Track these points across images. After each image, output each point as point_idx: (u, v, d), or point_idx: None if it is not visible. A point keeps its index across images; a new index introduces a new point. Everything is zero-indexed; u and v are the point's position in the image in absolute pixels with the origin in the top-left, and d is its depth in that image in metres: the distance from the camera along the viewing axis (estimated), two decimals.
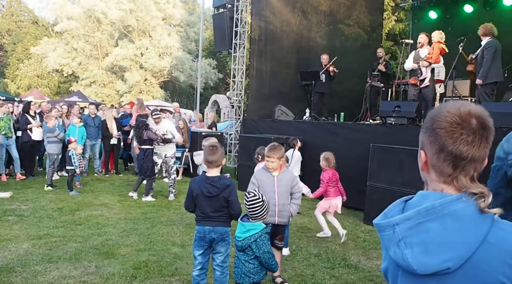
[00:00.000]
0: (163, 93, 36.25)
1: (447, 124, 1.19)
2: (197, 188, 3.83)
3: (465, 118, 1.18)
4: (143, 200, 8.41)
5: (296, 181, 4.61)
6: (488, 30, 8.10)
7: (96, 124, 11.01)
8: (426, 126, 1.26)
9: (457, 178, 1.20)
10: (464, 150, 1.18)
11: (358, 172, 7.70)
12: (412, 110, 7.77)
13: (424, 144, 1.26)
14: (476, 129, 1.18)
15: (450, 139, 1.18)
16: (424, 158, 1.26)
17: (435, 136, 1.21)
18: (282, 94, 11.76)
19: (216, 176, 3.82)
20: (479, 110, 1.21)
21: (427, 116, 1.28)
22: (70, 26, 34.44)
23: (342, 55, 12.76)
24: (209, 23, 29.42)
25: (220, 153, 3.87)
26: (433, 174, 1.25)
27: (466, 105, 1.22)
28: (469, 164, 1.19)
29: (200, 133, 11.19)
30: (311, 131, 9.50)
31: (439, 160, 1.21)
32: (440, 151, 1.20)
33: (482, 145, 1.19)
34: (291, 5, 12.14)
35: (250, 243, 3.34)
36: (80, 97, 25.07)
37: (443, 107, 1.25)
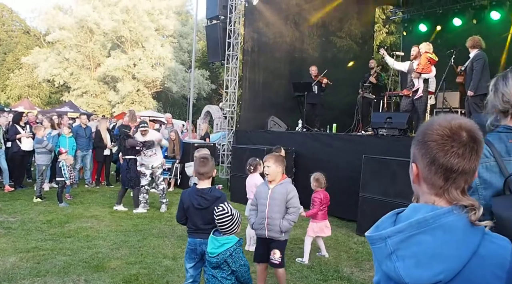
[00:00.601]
0: (156, 104, 36.20)
1: (438, 137, 1.20)
2: (187, 200, 3.79)
3: (456, 131, 1.20)
4: (134, 212, 8.33)
5: (292, 195, 4.35)
6: (476, 42, 8.23)
7: (87, 135, 10.93)
8: (417, 139, 1.27)
9: (448, 191, 1.21)
10: (455, 163, 1.19)
11: (350, 183, 7.70)
12: (403, 121, 7.81)
13: (415, 157, 1.27)
14: (466, 142, 1.19)
15: (441, 152, 1.19)
16: (415, 171, 1.27)
17: (427, 148, 1.22)
18: (274, 105, 11.78)
19: (207, 188, 3.78)
20: (469, 124, 1.22)
21: (418, 130, 1.28)
22: (62, 36, 34.39)
23: (334, 67, 12.86)
24: (202, 34, 29.53)
25: (211, 164, 3.82)
26: (424, 186, 1.25)
27: (457, 118, 1.23)
28: (460, 176, 1.20)
29: (193, 144, 11.15)
30: (304, 142, 9.50)
31: (431, 173, 1.22)
32: (432, 163, 1.21)
33: (473, 157, 1.20)
34: (283, 17, 12.21)
35: (225, 257, 3.20)
36: (72, 107, 24.97)
37: (434, 120, 1.26)
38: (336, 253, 6.16)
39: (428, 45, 8.86)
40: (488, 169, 1.77)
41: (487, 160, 1.77)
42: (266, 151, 8.94)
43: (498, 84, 1.86)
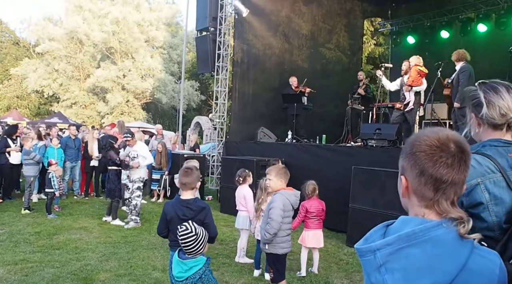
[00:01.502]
0: (145, 115, 36.09)
1: (427, 147, 1.22)
2: (171, 211, 3.71)
3: (444, 141, 1.22)
4: (111, 224, 8.26)
5: (272, 205, 4.26)
6: (461, 55, 8.44)
7: (76, 146, 10.87)
8: (405, 151, 1.28)
9: (438, 202, 1.22)
10: (444, 173, 1.20)
11: (340, 194, 7.72)
12: (392, 132, 7.89)
13: (404, 169, 1.28)
14: (455, 153, 1.21)
15: (430, 162, 1.21)
16: (405, 184, 1.27)
17: (416, 159, 1.23)
18: (264, 116, 11.83)
19: (191, 199, 3.71)
20: (456, 135, 1.25)
21: (406, 142, 1.30)
22: (52, 47, 34.25)
23: (323, 78, 12.97)
24: (191, 46, 29.61)
25: (195, 176, 3.75)
26: (414, 199, 1.26)
27: (444, 130, 1.26)
28: (450, 187, 1.21)
29: (182, 155, 11.13)
30: (294, 153, 9.53)
31: (420, 184, 1.23)
32: (421, 174, 1.22)
33: (462, 168, 1.21)
34: (273, 28, 12.32)
35: (195, 281, 3.01)
36: (61, 118, 24.84)
37: (421, 132, 1.28)
38: (326, 264, 6.16)
39: (418, 59, 8.99)
40: (496, 184, 1.75)
41: (494, 175, 1.76)
42: (255, 162, 8.97)
43: (490, 97, 1.83)
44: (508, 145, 1.80)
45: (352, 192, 7.36)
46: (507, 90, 1.82)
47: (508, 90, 1.82)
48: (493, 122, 1.83)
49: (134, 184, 8.16)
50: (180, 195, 3.83)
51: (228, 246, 6.85)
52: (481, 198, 1.75)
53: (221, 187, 10.51)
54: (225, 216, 9.17)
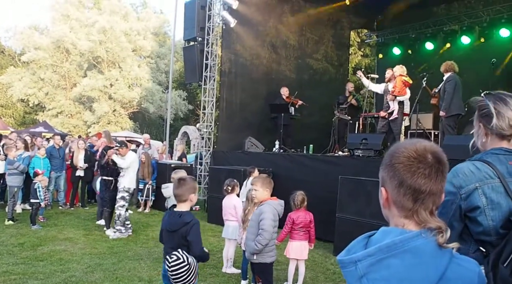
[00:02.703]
0: (132, 124, 35.91)
1: (405, 158, 1.25)
2: (163, 221, 3.68)
3: (421, 153, 1.25)
4: (106, 234, 8.19)
5: (263, 216, 4.27)
6: (449, 66, 8.62)
7: (61, 156, 10.75)
8: (385, 163, 1.31)
9: (417, 212, 1.24)
10: (422, 183, 1.23)
11: (327, 204, 7.74)
12: (378, 142, 7.96)
13: (384, 180, 1.31)
14: (432, 163, 1.24)
15: (408, 173, 1.24)
16: (385, 195, 1.31)
17: (394, 171, 1.26)
18: (252, 126, 11.85)
19: (179, 212, 3.56)
20: (433, 146, 1.28)
21: (386, 154, 1.33)
22: (38, 56, 33.99)
23: (311, 88, 13.06)
24: (179, 55, 29.59)
25: (186, 187, 3.57)
26: (394, 209, 1.29)
27: (421, 141, 1.29)
28: (428, 197, 1.24)
29: (169, 164, 11.07)
30: (281, 163, 9.55)
31: (400, 195, 1.25)
32: (400, 185, 1.25)
33: (439, 178, 1.25)
34: (261, 39, 12.38)
35: None
36: (46, 127, 24.55)
37: (400, 144, 1.31)
38: (313, 274, 6.15)
39: (402, 68, 9.12)
40: (494, 189, 1.82)
41: (492, 181, 1.83)
42: (243, 172, 8.95)
43: (500, 108, 1.89)
44: (510, 153, 1.87)
45: (339, 202, 7.39)
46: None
47: None
48: (502, 133, 1.90)
49: (118, 193, 8.05)
50: (173, 206, 3.71)
51: (215, 256, 6.81)
52: (478, 202, 1.83)
53: (209, 197, 10.47)
54: (212, 226, 9.12)
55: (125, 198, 8.04)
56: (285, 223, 5.49)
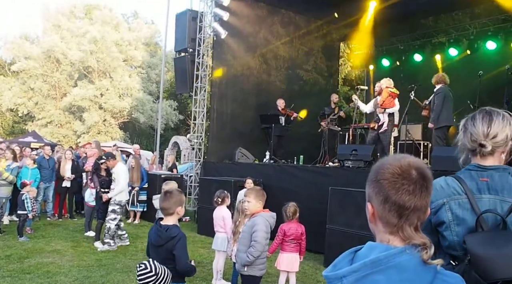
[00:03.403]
0: (123, 134, 35.72)
1: (389, 175, 1.26)
2: (149, 235, 3.60)
3: (406, 169, 1.26)
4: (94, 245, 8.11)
5: (256, 228, 4.26)
6: (440, 78, 8.80)
7: (50, 166, 10.67)
8: (370, 178, 1.32)
9: (402, 228, 1.25)
10: (406, 199, 1.24)
11: (317, 215, 7.73)
12: (368, 153, 8.01)
13: (370, 196, 1.32)
14: (416, 179, 1.25)
15: (393, 189, 1.25)
16: (371, 210, 1.31)
17: (380, 187, 1.27)
18: (242, 137, 11.86)
19: (165, 225, 3.46)
20: (418, 162, 1.29)
21: (371, 169, 1.34)
22: (28, 66, 33.79)
23: (301, 99, 13.12)
24: (170, 65, 29.58)
25: (174, 200, 3.48)
26: (380, 225, 1.30)
27: (406, 157, 1.30)
28: (413, 213, 1.25)
29: (159, 175, 11.02)
30: (272, 173, 9.56)
31: (385, 211, 1.26)
32: (385, 201, 1.26)
33: (423, 194, 1.26)
34: (251, 50, 12.45)
35: None
36: (35, 137, 24.29)
37: (385, 160, 1.33)
38: None
39: (388, 80, 9.22)
40: (461, 205, 1.85)
41: (459, 197, 1.86)
42: (233, 183, 8.95)
43: (467, 124, 1.95)
44: (482, 170, 1.89)
45: (329, 213, 7.40)
46: (482, 117, 1.92)
47: (484, 117, 1.92)
48: (468, 148, 1.94)
49: (110, 206, 7.98)
50: (161, 218, 3.63)
51: (205, 268, 6.77)
52: (444, 217, 1.87)
53: (199, 208, 10.43)
54: (202, 238, 9.08)
55: (116, 211, 7.97)
56: (276, 235, 5.45)
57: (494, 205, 1.81)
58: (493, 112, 1.92)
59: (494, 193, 1.83)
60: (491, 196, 1.83)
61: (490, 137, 1.87)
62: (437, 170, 6.67)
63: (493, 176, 1.86)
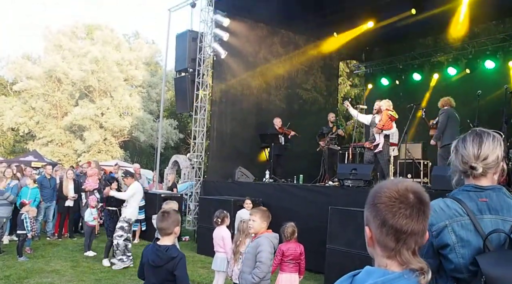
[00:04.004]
0: (123, 153, 35.73)
1: (387, 199, 1.27)
2: (145, 255, 3.58)
3: (403, 193, 1.27)
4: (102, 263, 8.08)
5: (261, 249, 4.26)
6: (445, 101, 9.10)
7: (52, 186, 10.67)
8: (368, 202, 1.33)
9: (400, 252, 1.26)
10: (403, 224, 1.24)
11: (317, 234, 7.70)
12: (368, 172, 8.02)
13: (368, 220, 1.33)
14: (413, 203, 1.26)
15: (390, 213, 1.25)
16: (369, 234, 1.32)
17: (377, 211, 1.28)
18: (242, 156, 11.89)
19: (164, 246, 3.48)
20: (415, 186, 1.30)
21: (369, 193, 1.35)
22: (30, 86, 34.02)
23: (301, 118, 13.19)
24: (171, 85, 29.75)
25: (171, 220, 3.52)
26: (378, 249, 1.30)
27: (404, 181, 1.31)
28: (410, 237, 1.25)
29: (159, 194, 11.00)
30: (271, 193, 9.56)
31: (382, 235, 1.27)
32: (382, 225, 1.27)
33: (420, 218, 1.26)
34: (251, 69, 12.57)
35: None
36: (36, 156, 24.28)
37: (383, 184, 1.34)
38: None
39: (388, 102, 9.30)
40: (464, 227, 1.84)
41: (462, 218, 1.85)
42: (233, 202, 8.94)
43: (458, 146, 1.96)
44: (480, 190, 1.89)
45: (329, 232, 7.37)
46: (473, 139, 1.93)
47: (474, 139, 1.93)
48: (459, 169, 1.95)
49: (118, 223, 8.04)
50: (159, 238, 3.65)
51: None
52: (448, 240, 1.84)
53: (199, 227, 10.39)
54: (202, 258, 9.02)
55: (124, 228, 7.99)
56: (275, 255, 5.42)
57: (497, 225, 1.81)
58: (483, 134, 1.94)
59: (495, 213, 1.84)
60: (492, 216, 1.83)
61: (481, 159, 1.88)
62: (437, 189, 6.69)
63: (491, 196, 1.87)
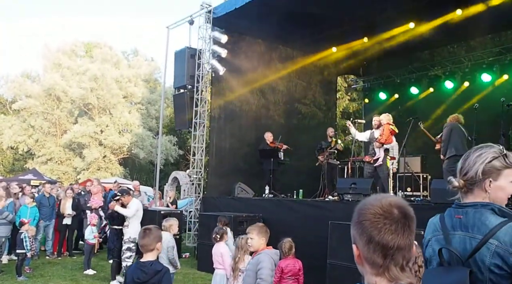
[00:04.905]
0: (122, 170, 35.69)
1: (371, 215, 1.28)
2: (129, 274, 3.61)
3: (387, 209, 1.27)
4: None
5: (261, 266, 4.27)
6: (452, 117, 9.23)
7: (50, 204, 10.62)
8: (353, 220, 1.34)
9: (388, 268, 1.26)
10: (389, 239, 1.24)
11: (318, 249, 7.66)
12: (367, 187, 8.00)
13: (355, 238, 1.33)
14: (398, 219, 1.26)
15: (375, 230, 1.26)
16: (357, 252, 1.32)
17: (362, 228, 1.28)
18: (241, 171, 11.88)
19: (148, 261, 3.53)
20: (399, 201, 1.31)
21: (354, 211, 1.36)
22: (29, 104, 34.15)
23: (300, 133, 13.22)
24: (170, 101, 29.88)
25: (153, 236, 3.59)
26: (367, 266, 1.30)
27: (387, 197, 1.32)
28: (397, 252, 1.25)
29: (159, 211, 10.95)
30: (271, 208, 9.53)
31: (369, 252, 1.27)
32: (369, 242, 1.27)
33: (406, 233, 1.26)
34: (250, 85, 12.61)
35: None
36: (35, 175, 24.27)
37: (366, 201, 1.34)
38: None
39: (388, 116, 9.36)
40: (438, 242, 1.94)
41: (438, 233, 1.96)
42: (233, 218, 8.91)
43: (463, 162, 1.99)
44: (459, 207, 1.93)
45: (329, 248, 7.32)
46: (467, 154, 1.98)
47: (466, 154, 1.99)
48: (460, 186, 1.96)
49: (124, 244, 7.78)
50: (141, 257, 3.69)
51: None
52: (428, 253, 1.99)
53: (199, 244, 10.34)
54: (202, 274, 8.96)
55: (132, 248, 7.71)
56: (274, 272, 5.39)
57: (464, 241, 1.85)
58: (476, 149, 1.97)
59: (465, 230, 1.87)
60: (462, 233, 1.87)
61: (462, 174, 1.94)
62: (437, 203, 6.68)
63: (468, 213, 1.88)
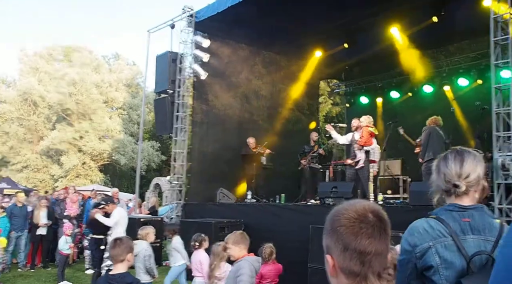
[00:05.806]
0: (103, 177, 35.11)
1: (346, 220, 1.22)
2: None
3: (362, 213, 1.23)
4: None
5: (240, 272, 4.16)
6: (431, 120, 9.37)
7: (23, 214, 10.23)
8: (327, 229, 1.28)
9: (366, 277, 1.20)
10: (367, 244, 1.20)
11: (300, 254, 7.60)
12: (348, 190, 8.01)
13: (328, 247, 1.27)
14: (373, 223, 1.22)
15: (351, 235, 1.20)
16: (331, 262, 1.25)
17: (338, 235, 1.23)
18: (224, 177, 11.73)
19: (118, 274, 3.40)
20: (372, 205, 1.28)
21: (326, 220, 1.30)
22: (3, 110, 33.36)
23: (283, 138, 13.17)
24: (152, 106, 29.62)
25: (124, 247, 3.49)
26: (342, 277, 1.24)
27: (360, 202, 1.29)
28: (375, 258, 1.20)
29: (139, 219, 10.74)
30: (253, 213, 9.45)
31: (346, 260, 1.21)
32: (345, 249, 1.21)
33: (382, 237, 1.22)
34: (233, 90, 12.53)
35: None
36: (9, 183, 23.56)
37: (339, 207, 1.29)
38: None
39: (368, 118, 9.39)
40: (447, 248, 1.81)
41: (445, 239, 1.82)
42: (213, 224, 8.79)
43: (440, 165, 1.96)
44: (463, 210, 1.87)
45: (310, 252, 7.27)
46: (454, 157, 1.93)
47: (456, 158, 1.93)
48: (442, 188, 1.94)
49: (105, 252, 7.59)
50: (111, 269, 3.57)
51: None
52: (432, 261, 1.81)
53: None
54: None
55: None
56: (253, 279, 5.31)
57: (479, 245, 1.79)
58: (465, 152, 1.94)
59: (477, 233, 1.82)
60: (475, 237, 1.82)
61: (463, 177, 1.88)
62: (416, 205, 6.71)
63: (474, 216, 1.85)
